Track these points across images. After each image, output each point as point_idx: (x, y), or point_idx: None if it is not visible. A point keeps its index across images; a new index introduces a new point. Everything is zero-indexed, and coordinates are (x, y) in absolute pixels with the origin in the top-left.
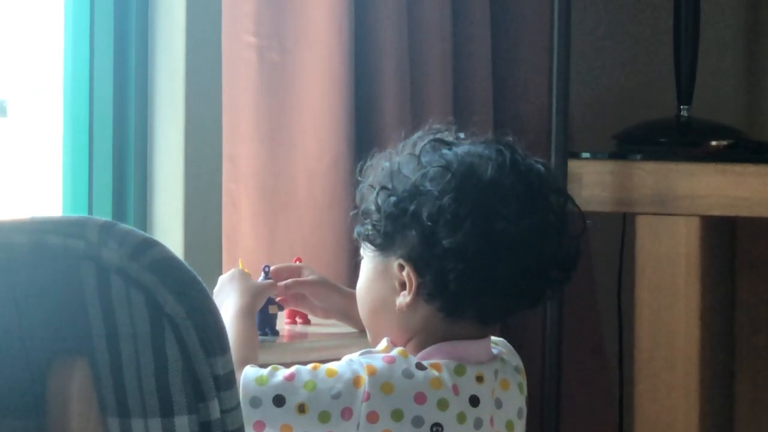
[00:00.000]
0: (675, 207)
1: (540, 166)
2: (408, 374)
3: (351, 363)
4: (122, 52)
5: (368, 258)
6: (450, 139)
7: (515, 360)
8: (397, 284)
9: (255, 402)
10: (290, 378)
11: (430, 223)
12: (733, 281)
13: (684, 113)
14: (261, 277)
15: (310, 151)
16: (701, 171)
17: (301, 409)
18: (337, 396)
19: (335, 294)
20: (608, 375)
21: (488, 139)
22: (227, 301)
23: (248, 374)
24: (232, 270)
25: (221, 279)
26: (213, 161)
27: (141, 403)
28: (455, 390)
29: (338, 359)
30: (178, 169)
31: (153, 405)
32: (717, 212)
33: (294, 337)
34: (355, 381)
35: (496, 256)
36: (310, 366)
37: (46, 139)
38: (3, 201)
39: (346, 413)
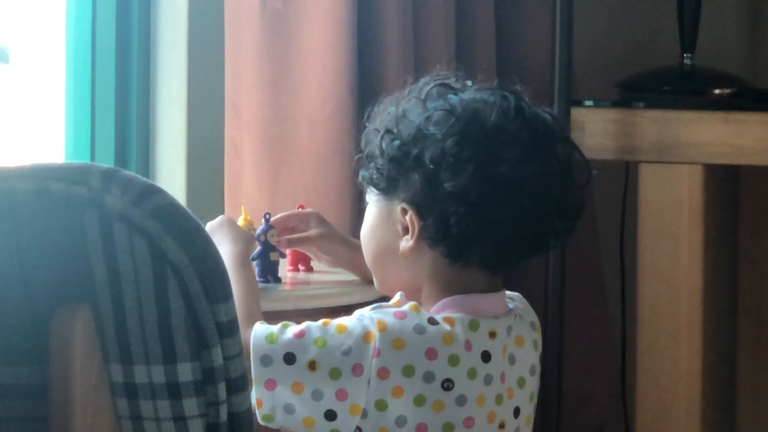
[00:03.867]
0: (678, 155)
1: (547, 115)
2: (419, 329)
3: (362, 318)
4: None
5: (372, 202)
6: (456, 85)
7: (531, 316)
8: (400, 228)
9: (265, 360)
10: (300, 335)
11: (432, 166)
12: (736, 229)
13: (687, 61)
14: (262, 225)
15: (313, 98)
16: (704, 119)
17: (312, 366)
18: (347, 352)
19: (342, 247)
20: (611, 323)
21: (495, 85)
22: (220, 249)
23: (258, 332)
24: (220, 217)
25: (209, 225)
26: (215, 108)
27: (144, 349)
28: (467, 345)
29: (340, 306)
30: (181, 116)
31: (156, 352)
32: (720, 160)
33: (296, 284)
34: (366, 337)
35: (497, 201)
36: (320, 322)
37: (49, 85)
38: (6, 148)
39: (357, 369)
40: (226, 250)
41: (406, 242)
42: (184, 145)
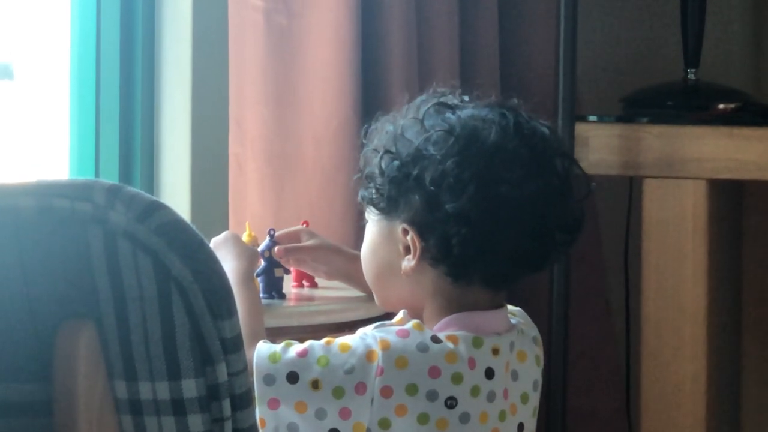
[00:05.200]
0: (682, 170)
1: (545, 129)
2: (423, 348)
3: (365, 337)
4: (129, 15)
5: (373, 222)
6: (454, 102)
7: (533, 331)
8: (401, 248)
9: (269, 379)
10: (303, 354)
11: (432, 188)
12: (740, 244)
13: (691, 76)
14: (266, 241)
15: (317, 115)
16: (708, 134)
17: (315, 385)
18: (350, 371)
19: (337, 257)
20: (615, 339)
21: (492, 101)
22: (224, 266)
23: (261, 351)
24: (225, 232)
25: (214, 241)
26: (220, 125)
27: (148, 366)
28: (471, 363)
29: (345, 322)
30: (185, 133)
31: (160, 368)
32: (724, 176)
33: (301, 300)
34: (369, 355)
35: (499, 221)
36: (323, 341)
37: (53, 102)
38: (10, 164)
39: (360, 388)
40: (229, 266)
41: (408, 262)
42: (188, 161)
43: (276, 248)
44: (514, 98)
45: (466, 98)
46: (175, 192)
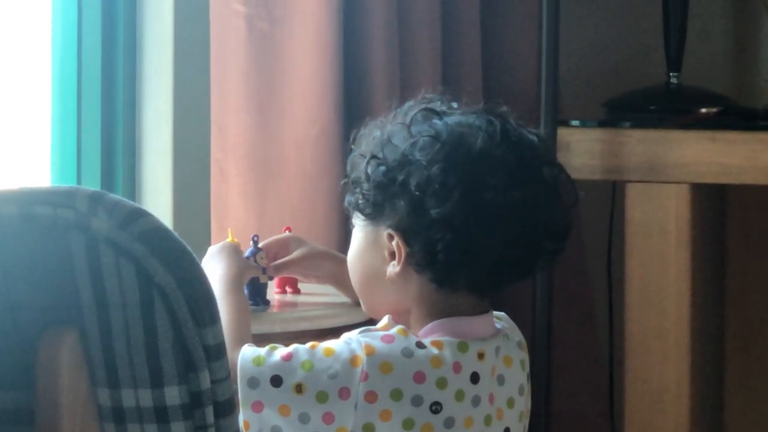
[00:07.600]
0: (665, 175)
1: (533, 137)
2: (407, 353)
3: (349, 342)
4: (110, 21)
5: (359, 227)
6: (441, 108)
7: (518, 336)
8: (386, 254)
9: (253, 383)
10: (287, 358)
11: (418, 193)
12: (724, 248)
13: (673, 81)
14: (250, 247)
15: (299, 120)
16: (691, 138)
17: (299, 389)
18: (334, 376)
19: (326, 262)
20: (598, 343)
21: (480, 108)
22: (216, 272)
23: (245, 354)
24: (223, 242)
25: (211, 249)
26: (202, 131)
27: (131, 373)
28: (456, 367)
29: (328, 328)
30: (167, 139)
31: (143, 375)
32: (707, 180)
33: (284, 306)
34: (353, 360)
35: (484, 227)
36: (308, 345)
37: (34, 107)
38: None
39: (344, 393)
40: (219, 272)
41: (393, 268)
42: (170, 168)
43: (266, 268)
44: (504, 105)
45: (455, 105)
46: (157, 198)
